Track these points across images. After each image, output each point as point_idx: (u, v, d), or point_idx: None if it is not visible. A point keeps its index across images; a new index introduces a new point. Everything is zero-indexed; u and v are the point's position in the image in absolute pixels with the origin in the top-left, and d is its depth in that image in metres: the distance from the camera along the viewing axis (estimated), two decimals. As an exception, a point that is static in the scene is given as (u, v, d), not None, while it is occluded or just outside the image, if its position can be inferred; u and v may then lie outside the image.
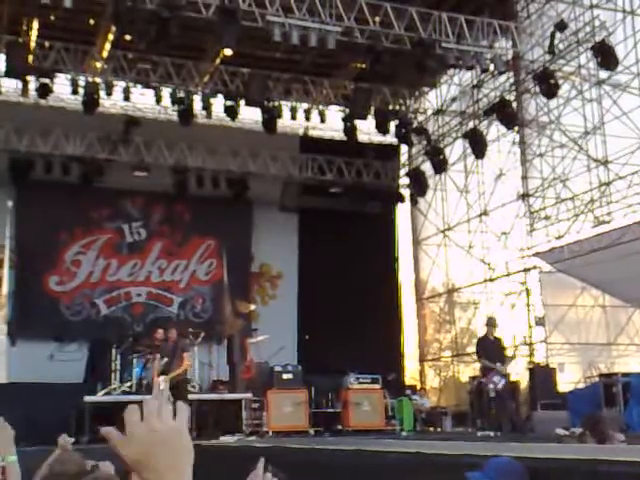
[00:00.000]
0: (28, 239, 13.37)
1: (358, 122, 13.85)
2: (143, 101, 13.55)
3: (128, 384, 10.68)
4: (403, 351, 15.97)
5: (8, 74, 11.44)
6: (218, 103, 13.28)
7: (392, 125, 14.17)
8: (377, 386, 11.23)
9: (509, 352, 10.79)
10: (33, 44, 11.83)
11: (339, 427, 11.03)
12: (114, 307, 14.04)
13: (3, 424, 3.84)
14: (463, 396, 13.46)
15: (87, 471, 3.22)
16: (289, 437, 9.56)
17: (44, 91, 11.98)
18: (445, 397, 15.56)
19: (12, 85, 12.34)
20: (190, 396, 10.44)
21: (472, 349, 15.86)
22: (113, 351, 11.13)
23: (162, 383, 8.64)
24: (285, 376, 10.75)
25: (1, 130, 12.67)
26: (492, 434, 8.52)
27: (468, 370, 14.82)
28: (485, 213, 14.65)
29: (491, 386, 9.00)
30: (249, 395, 10.83)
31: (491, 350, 9.33)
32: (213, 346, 12.50)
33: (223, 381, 11.97)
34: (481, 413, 9.91)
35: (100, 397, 10.23)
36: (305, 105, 14.12)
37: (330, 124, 14.64)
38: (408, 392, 12.99)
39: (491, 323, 9.71)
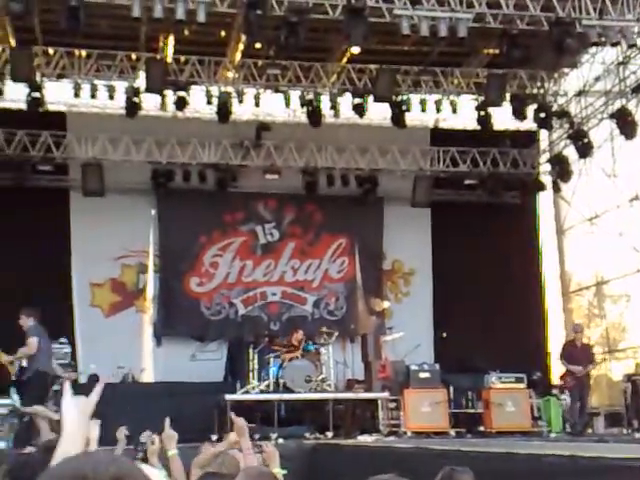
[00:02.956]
0: (170, 244, 14.67)
1: (493, 110, 13.87)
2: (273, 106, 14.38)
3: (266, 383, 11.34)
4: (548, 348, 15.76)
5: (148, 90, 12.61)
6: (346, 102, 13.84)
7: (530, 110, 14.04)
8: (521, 385, 11.23)
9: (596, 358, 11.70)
10: (169, 59, 12.95)
11: (481, 428, 11.16)
12: (251, 307, 15.01)
13: (169, 431, 4.56)
14: (616, 395, 13.14)
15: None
16: (429, 438, 9.87)
17: (181, 104, 13.08)
18: (596, 396, 15.20)
19: (152, 100, 13.55)
20: (326, 395, 11.08)
21: (625, 345, 15.43)
22: (250, 350, 11.86)
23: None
24: (422, 375, 11.04)
25: (143, 143, 13.99)
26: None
27: (622, 367, 14.41)
28: (637, 198, 14.13)
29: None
30: (385, 394, 11.23)
31: (576, 356, 9.61)
32: (347, 344, 13.06)
33: (358, 380, 12.47)
34: (637, 413, 9.79)
35: (240, 396, 11.02)
36: (435, 96, 14.28)
37: (462, 114, 14.71)
38: (555, 391, 12.86)
39: (578, 329, 10.63)
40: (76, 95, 13.38)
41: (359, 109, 13.51)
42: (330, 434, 10.47)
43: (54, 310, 13.13)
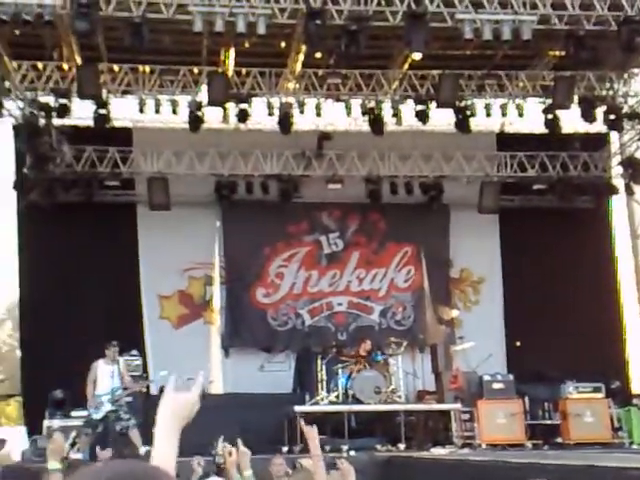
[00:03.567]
0: (235, 255, 14.91)
1: (560, 112, 13.63)
2: (334, 115, 14.48)
3: (335, 394, 11.40)
4: (626, 356, 15.31)
5: (211, 103, 12.89)
6: (408, 109, 13.83)
7: (599, 112, 13.74)
8: (600, 395, 11.01)
9: None
10: (231, 72, 13.21)
11: (559, 440, 10.95)
12: (317, 317, 15.11)
13: (242, 448, 4.63)
14: None
15: None
16: (505, 450, 9.73)
17: (243, 116, 13.31)
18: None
19: (214, 113, 13.83)
20: (397, 406, 11.04)
21: None
22: (318, 361, 11.94)
23: None
24: (496, 385, 10.92)
25: (207, 156, 14.29)
26: None
27: None
28: None
29: None
30: (458, 406, 11.14)
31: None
32: (416, 354, 12.99)
33: (429, 391, 12.38)
34: None
35: (309, 407, 11.09)
36: (500, 100, 14.13)
37: (529, 117, 14.50)
38: (636, 401, 12.50)
39: None
40: (141, 111, 13.78)
41: (422, 116, 13.48)
42: (402, 446, 10.44)
43: (124, 323, 13.58)
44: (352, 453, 9.46)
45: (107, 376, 9.90)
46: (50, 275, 14.04)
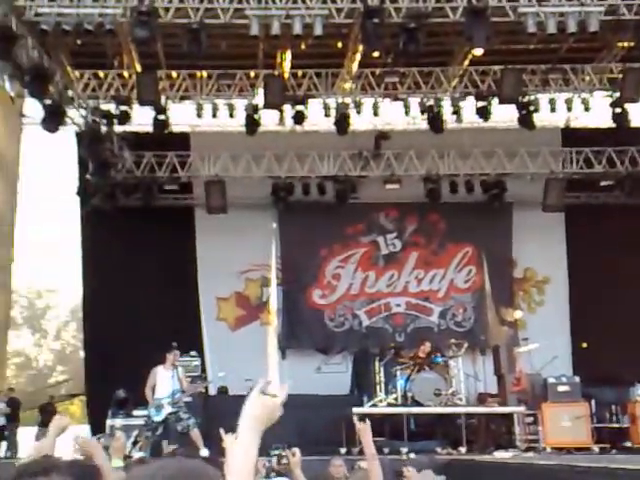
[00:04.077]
0: (292, 257, 15.09)
1: (629, 106, 13.30)
2: (392, 114, 14.49)
3: (393, 396, 11.38)
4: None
5: (267, 106, 13.07)
6: (468, 105, 13.73)
7: (670, 105, 13.36)
8: (672, 397, 10.70)
9: None
10: (287, 74, 13.37)
11: (627, 444, 10.72)
12: (375, 318, 15.17)
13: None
14: None
15: None
16: (570, 454, 9.59)
17: (299, 118, 13.44)
18: None
19: (270, 116, 14.03)
20: (458, 409, 10.97)
21: None
22: (376, 363, 11.94)
23: None
24: (561, 388, 10.75)
25: (263, 159, 14.52)
26: None
27: None
28: None
29: None
30: (522, 408, 11.01)
31: None
32: (478, 357, 12.88)
33: (491, 394, 12.26)
34: None
35: (367, 409, 11.11)
36: (565, 95, 13.85)
37: (595, 112, 14.19)
38: None
39: None
40: (198, 115, 14.07)
41: (483, 112, 13.36)
42: (463, 449, 10.38)
43: (183, 324, 13.91)
44: (412, 456, 9.46)
45: (167, 380, 10.13)
46: (111, 278, 14.50)
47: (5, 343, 16.34)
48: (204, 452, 9.33)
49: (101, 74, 13.61)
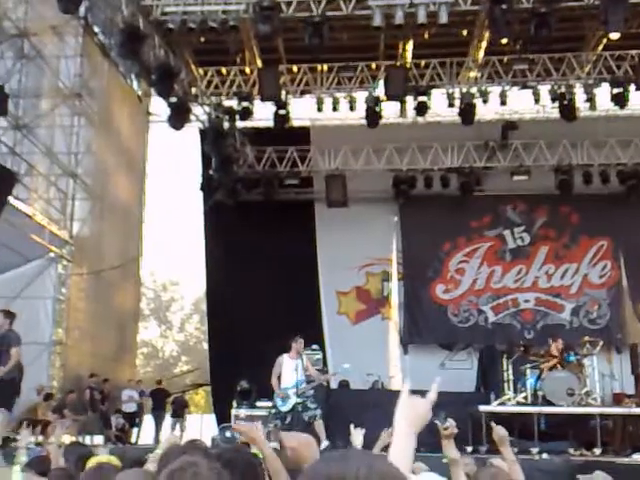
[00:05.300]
0: (414, 251, 15.14)
1: None
2: (520, 103, 14.23)
3: (522, 395, 11.18)
4: None
5: (389, 98, 13.14)
6: (603, 92, 13.26)
7: None
8: None
9: None
10: (409, 65, 13.39)
11: None
12: (502, 314, 14.98)
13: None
14: None
15: None
16: None
17: (421, 109, 13.44)
18: None
19: (391, 108, 14.11)
20: (592, 409, 10.66)
21: None
22: (504, 360, 11.78)
23: None
24: None
25: (384, 151, 14.64)
26: None
27: None
28: None
29: None
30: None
31: None
32: (614, 355, 12.46)
33: (628, 394, 11.83)
34: None
35: (495, 407, 10.99)
36: None
37: None
38: None
39: None
40: (319, 109, 14.35)
41: (619, 99, 12.87)
42: (598, 451, 10.09)
43: (305, 317, 14.28)
44: (544, 456, 9.31)
45: (291, 370, 10.40)
46: (234, 271, 15.07)
47: (136, 333, 17.40)
48: (324, 444, 9.53)
49: (223, 71, 14.16)
